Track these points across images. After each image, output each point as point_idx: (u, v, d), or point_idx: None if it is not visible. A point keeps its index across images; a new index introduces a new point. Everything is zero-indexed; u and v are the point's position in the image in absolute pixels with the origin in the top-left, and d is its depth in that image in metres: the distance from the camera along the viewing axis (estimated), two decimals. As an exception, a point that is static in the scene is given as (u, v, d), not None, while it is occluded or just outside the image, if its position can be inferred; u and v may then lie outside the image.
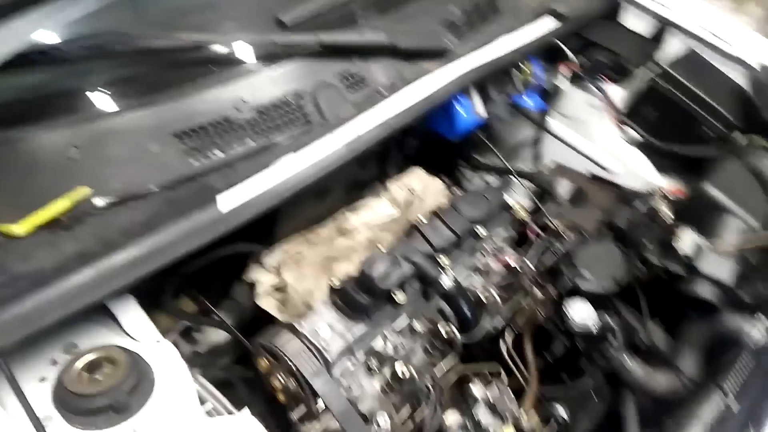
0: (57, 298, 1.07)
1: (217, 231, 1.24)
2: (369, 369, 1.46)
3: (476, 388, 1.45)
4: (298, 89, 1.51)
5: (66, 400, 1.10)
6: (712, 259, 1.55)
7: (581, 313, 1.53)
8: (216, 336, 1.65)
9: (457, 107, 1.82)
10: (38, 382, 1.14)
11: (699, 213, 1.67)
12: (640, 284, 1.69)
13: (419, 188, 1.74)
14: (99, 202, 1.20)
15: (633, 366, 1.62)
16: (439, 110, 1.76)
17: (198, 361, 1.55)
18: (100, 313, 1.27)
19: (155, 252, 1.17)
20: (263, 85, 1.48)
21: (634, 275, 1.66)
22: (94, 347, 1.19)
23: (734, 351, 1.59)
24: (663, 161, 2.09)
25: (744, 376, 1.52)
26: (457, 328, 1.50)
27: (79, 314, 1.15)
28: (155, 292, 1.42)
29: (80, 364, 1.14)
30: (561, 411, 1.44)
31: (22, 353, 1.13)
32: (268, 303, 1.50)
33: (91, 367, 1.15)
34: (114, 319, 1.28)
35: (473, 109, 1.85)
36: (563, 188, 2.14)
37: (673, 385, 1.60)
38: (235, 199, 1.27)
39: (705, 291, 1.54)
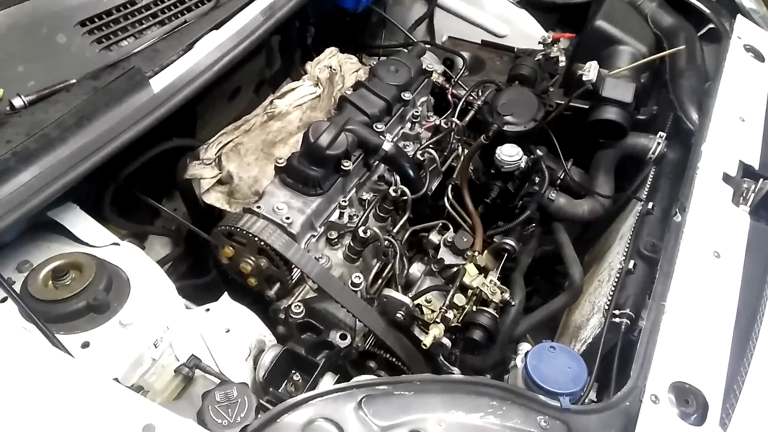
0: (4, 201, 0.97)
1: (155, 113, 1.18)
2: (329, 240, 1.48)
3: (433, 236, 1.53)
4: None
5: (38, 311, 1.03)
6: (612, 83, 1.71)
7: (510, 152, 1.64)
8: (161, 248, 1.58)
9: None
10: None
11: (594, 48, 1.82)
12: (550, 126, 1.83)
13: (337, 65, 1.73)
14: (17, 101, 1.09)
15: (557, 198, 1.78)
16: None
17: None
18: (47, 228, 1.18)
19: (96, 140, 1.09)
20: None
21: (545, 117, 1.79)
22: (52, 257, 1.11)
23: (640, 165, 1.79)
24: (548, 17, 2.22)
25: (652, 183, 1.73)
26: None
27: (28, 227, 1.07)
28: (95, 203, 1.32)
29: (42, 273, 1.07)
30: (510, 241, 1.56)
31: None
32: (215, 198, 1.46)
33: (56, 275, 1.08)
34: (63, 233, 1.19)
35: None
36: (459, 60, 2.22)
37: (594, 208, 1.79)
38: (166, 79, 1.19)
39: (610, 113, 1.70)
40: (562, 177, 1.82)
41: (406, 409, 0.93)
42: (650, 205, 1.60)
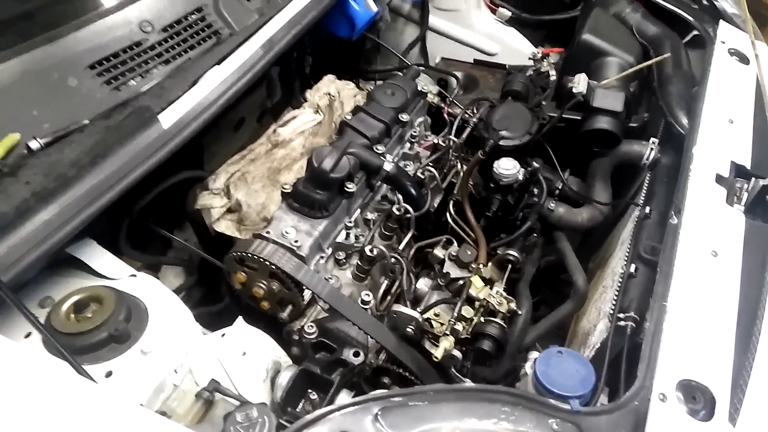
0: (27, 239, 1.02)
1: (165, 148, 1.23)
2: (337, 261, 1.52)
3: (438, 250, 1.57)
4: (199, 2, 1.48)
5: (62, 344, 1.07)
6: (602, 94, 1.76)
7: (507, 166, 1.69)
8: (175, 278, 1.62)
9: (351, 2, 1.88)
10: (24, 338, 1.09)
11: (582, 61, 1.88)
12: (545, 139, 1.88)
13: (336, 92, 1.79)
14: (34, 144, 1.14)
15: (556, 207, 1.83)
16: (335, 10, 1.80)
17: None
18: (66, 264, 1.22)
19: (111, 177, 1.14)
20: (162, 3, 1.44)
21: (540, 130, 1.83)
22: (73, 291, 1.15)
23: (635, 171, 1.84)
24: (536, 33, 2.29)
25: (647, 188, 1.77)
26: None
27: (48, 263, 1.11)
28: (111, 237, 1.37)
29: (65, 307, 1.11)
30: (513, 252, 1.60)
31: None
32: (225, 226, 1.50)
33: (78, 309, 1.12)
34: (82, 267, 1.23)
35: (365, 3, 1.91)
36: (453, 80, 2.29)
37: (593, 215, 1.84)
38: (174, 114, 1.25)
39: (602, 122, 1.75)
40: (560, 187, 1.87)
41: (421, 419, 0.96)
42: (647, 209, 1.64)
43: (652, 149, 1.78)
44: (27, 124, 1.16)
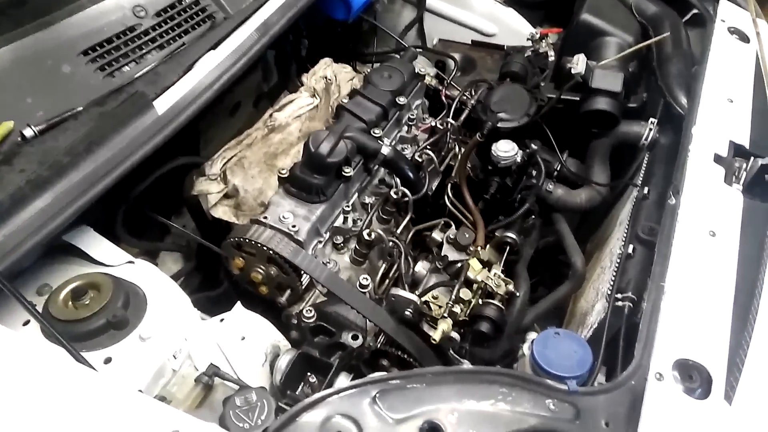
0: (22, 227, 1.02)
1: (160, 134, 1.22)
2: (336, 245, 1.53)
3: (436, 234, 1.57)
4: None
5: (60, 331, 1.07)
6: (601, 74, 1.74)
7: (505, 148, 1.69)
8: (173, 263, 1.63)
9: (347, -17, 1.86)
10: (22, 326, 1.09)
11: (581, 41, 1.86)
12: (543, 120, 1.87)
13: (332, 75, 1.78)
14: (28, 132, 1.13)
15: (555, 189, 1.82)
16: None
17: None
18: (63, 252, 1.23)
19: (106, 164, 1.13)
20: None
21: (538, 112, 1.82)
22: (71, 278, 1.15)
23: (634, 152, 1.83)
24: (534, 13, 2.26)
25: (646, 168, 1.76)
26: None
27: (45, 251, 1.11)
28: (108, 224, 1.37)
29: (62, 294, 1.11)
30: (511, 234, 1.60)
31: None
32: (222, 211, 1.50)
33: (75, 296, 1.12)
34: (79, 255, 1.24)
35: (361, -16, 1.89)
36: (451, 62, 2.27)
37: (592, 197, 1.83)
38: (169, 100, 1.24)
39: (601, 103, 1.74)
40: (558, 168, 1.86)
41: (420, 401, 0.97)
42: (646, 190, 1.64)
43: (650, 129, 1.77)
44: (21, 111, 1.15)
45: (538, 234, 1.86)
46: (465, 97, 1.89)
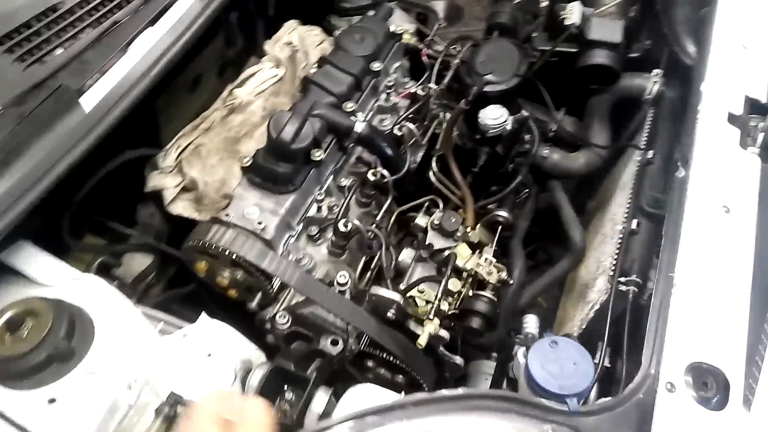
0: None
1: (89, 135, 1.06)
2: (310, 237, 1.39)
3: (420, 219, 1.43)
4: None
5: (-2, 370, 0.95)
6: (599, 23, 1.56)
7: (494, 115, 1.52)
8: (136, 264, 1.49)
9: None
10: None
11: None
12: (537, 77, 1.69)
13: (298, 41, 1.59)
14: (-66, 144, 0.98)
15: (550, 154, 1.67)
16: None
17: (128, 293, 1.41)
18: (-2, 273, 1.09)
19: (31, 174, 0.98)
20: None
21: (530, 68, 1.64)
22: (4, 307, 1.02)
23: (636, 108, 1.66)
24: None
25: (651, 127, 1.60)
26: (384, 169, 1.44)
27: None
28: (54, 236, 1.23)
29: (-4, 328, 0.98)
30: (503, 212, 1.46)
31: None
32: (182, 207, 1.35)
33: (11, 328, 0.99)
34: (14, 273, 1.10)
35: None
36: (438, 9, 2.06)
37: (591, 160, 1.68)
38: (99, 92, 1.07)
39: (598, 57, 1.56)
40: (554, 129, 1.70)
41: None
42: (650, 154, 1.49)
43: (655, 82, 1.60)
44: (-74, 119, 0.99)
45: (533, 203, 1.73)
46: (448, 57, 1.70)
